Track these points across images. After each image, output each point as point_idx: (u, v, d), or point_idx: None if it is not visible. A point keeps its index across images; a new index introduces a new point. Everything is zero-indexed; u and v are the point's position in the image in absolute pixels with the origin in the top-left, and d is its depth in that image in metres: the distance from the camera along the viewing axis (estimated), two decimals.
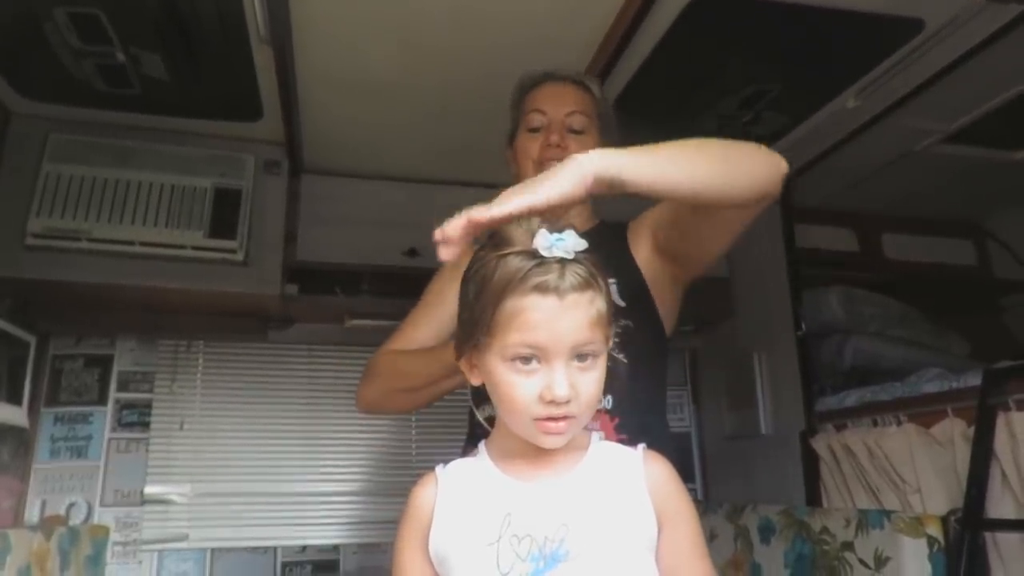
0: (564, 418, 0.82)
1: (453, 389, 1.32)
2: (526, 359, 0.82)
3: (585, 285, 0.82)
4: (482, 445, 0.95)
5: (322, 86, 1.96)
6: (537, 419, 0.82)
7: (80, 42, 1.71)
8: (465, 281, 0.90)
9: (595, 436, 0.94)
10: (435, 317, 1.40)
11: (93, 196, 2.02)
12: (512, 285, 0.81)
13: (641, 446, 0.93)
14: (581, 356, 0.82)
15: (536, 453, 0.88)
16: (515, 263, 0.82)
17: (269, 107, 2.04)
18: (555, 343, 0.81)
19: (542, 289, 0.80)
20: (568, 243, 0.82)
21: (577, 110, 1.36)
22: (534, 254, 0.81)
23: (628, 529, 0.86)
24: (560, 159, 1.26)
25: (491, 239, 0.87)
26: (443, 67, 1.88)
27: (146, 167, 2.10)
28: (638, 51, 1.79)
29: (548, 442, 0.84)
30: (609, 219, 1.43)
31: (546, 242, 0.81)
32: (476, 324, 0.85)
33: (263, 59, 1.80)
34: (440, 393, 1.34)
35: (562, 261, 0.81)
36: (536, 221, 0.84)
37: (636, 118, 2.12)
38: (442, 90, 1.99)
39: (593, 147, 1.29)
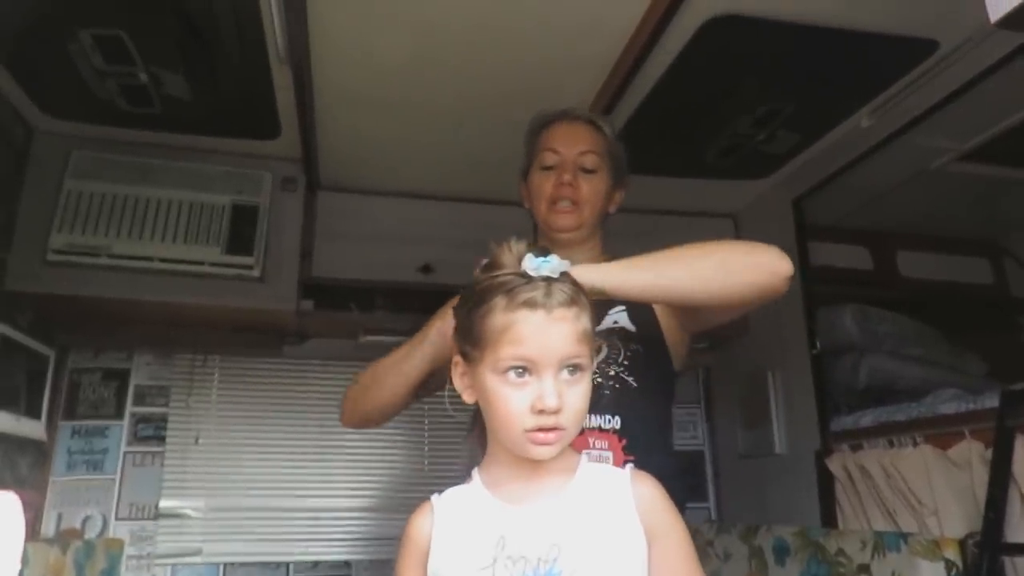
0: (553, 429, 0.87)
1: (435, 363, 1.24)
2: (518, 372, 0.87)
3: (571, 301, 0.89)
4: (475, 472, 0.98)
5: (339, 104, 1.98)
6: (528, 430, 0.87)
7: (104, 62, 1.74)
8: (460, 304, 0.96)
9: (583, 458, 0.97)
10: None
11: (114, 213, 2.06)
12: (503, 301, 0.88)
13: (628, 466, 0.96)
14: (570, 369, 0.88)
15: (527, 476, 0.92)
16: (505, 282, 0.89)
17: (287, 125, 2.07)
18: (545, 355, 0.86)
19: (531, 304, 0.87)
20: (553, 264, 0.90)
21: (589, 149, 1.39)
22: (523, 274, 0.89)
23: (618, 547, 0.88)
24: (572, 197, 1.35)
25: (484, 265, 0.95)
26: (459, 85, 1.90)
27: (165, 184, 2.13)
28: (653, 70, 1.80)
29: (538, 452, 0.88)
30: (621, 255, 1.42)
31: (533, 264, 0.89)
32: (470, 341, 0.91)
33: (281, 78, 1.83)
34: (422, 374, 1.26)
35: (548, 279, 0.89)
36: (523, 246, 0.92)
37: (650, 137, 2.14)
38: (458, 107, 2.01)
39: (603, 185, 1.40)
